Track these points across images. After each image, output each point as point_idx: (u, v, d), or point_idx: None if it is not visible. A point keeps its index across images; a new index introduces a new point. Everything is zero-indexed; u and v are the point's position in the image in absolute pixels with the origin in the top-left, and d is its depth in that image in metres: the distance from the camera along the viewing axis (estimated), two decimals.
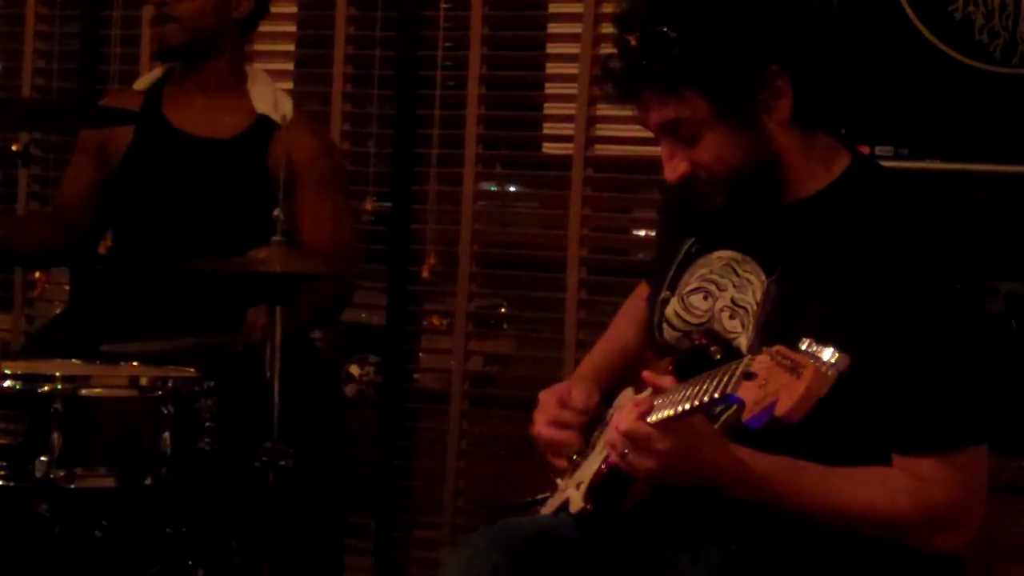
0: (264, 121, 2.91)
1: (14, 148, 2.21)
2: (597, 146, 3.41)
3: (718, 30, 1.70)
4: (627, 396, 1.97)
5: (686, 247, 1.94)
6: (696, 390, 1.58)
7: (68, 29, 3.83)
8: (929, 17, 2.99)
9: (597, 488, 1.82)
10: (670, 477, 1.67)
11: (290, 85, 3.62)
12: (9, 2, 3.88)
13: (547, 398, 1.98)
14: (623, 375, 2.06)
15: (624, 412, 1.67)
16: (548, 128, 3.61)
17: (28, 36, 3.81)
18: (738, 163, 1.76)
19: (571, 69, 3.40)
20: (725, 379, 1.51)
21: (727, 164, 1.76)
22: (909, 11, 3.01)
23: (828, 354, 1.40)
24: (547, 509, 1.98)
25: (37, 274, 3.79)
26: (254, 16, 2.98)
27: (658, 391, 1.69)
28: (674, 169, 1.79)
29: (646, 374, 1.74)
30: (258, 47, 3.17)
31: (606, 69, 1.80)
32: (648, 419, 1.64)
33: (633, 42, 1.72)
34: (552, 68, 3.55)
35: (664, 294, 1.93)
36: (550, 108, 3.57)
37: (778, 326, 1.76)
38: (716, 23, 1.70)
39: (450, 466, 3.47)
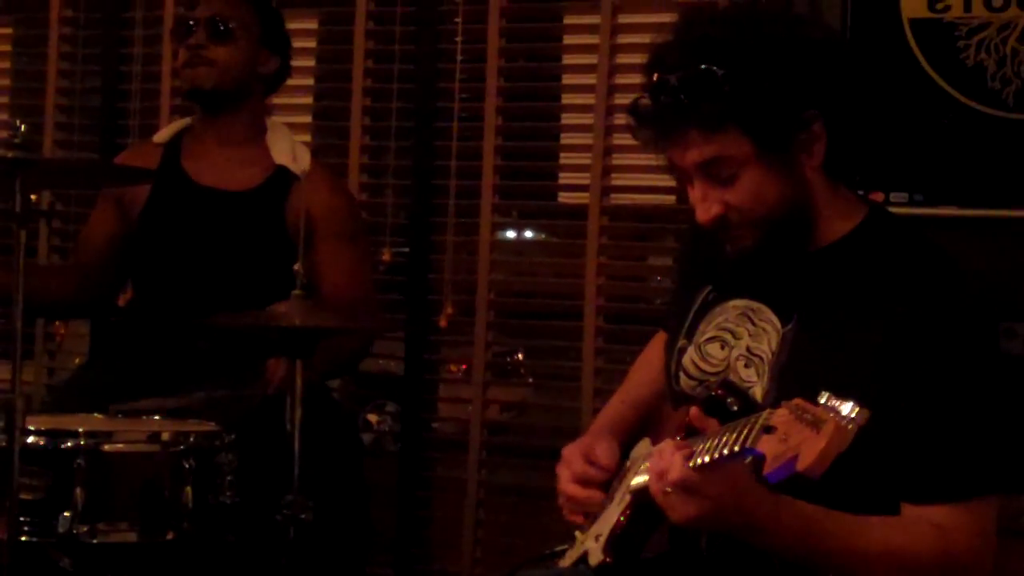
0: (282, 173, 2.93)
1: (33, 198, 2.24)
2: (613, 195, 3.43)
3: (763, 69, 1.72)
4: (644, 447, 1.98)
5: (703, 295, 1.95)
6: (715, 442, 1.58)
7: (89, 84, 3.88)
8: (941, 64, 3.02)
9: (616, 540, 1.83)
10: (710, 523, 1.65)
11: (308, 137, 3.65)
12: (31, 58, 3.93)
13: (571, 454, 1.98)
14: (640, 426, 2.07)
15: (669, 456, 1.64)
16: (564, 178, 3.63)
17: (49, 92, 3.86)
18: (774, 204, 1.76)
19: (586, 119, 3.42)
20: (745, 432, 1.51)
21: (763, 204, 1.76)
22: (921, 58, 3.03)
23: (848, 408, 1.40)
24: (566, 562, 1.98)
25: (57, 325, 3.82)
26: (278, 76, 3.03)
27: (697, 436, 1.68)
28: (707, 210, 1.79)
29: (694, 412, 1.71)
30: (276, 100, 3.21)
31: (636, 112, 1.81)
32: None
33: (674, 81, 1.73)
34: (567, 119, 3.58)
35: (681, 342, 1.94)
36: (566, 158, 3.60)
37: (794, 375, 1.77)
38: (761, 63, 1.72)
39: (468, 515, 3.46)
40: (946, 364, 1.71)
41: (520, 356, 3.87)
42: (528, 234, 3.95)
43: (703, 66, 1.71)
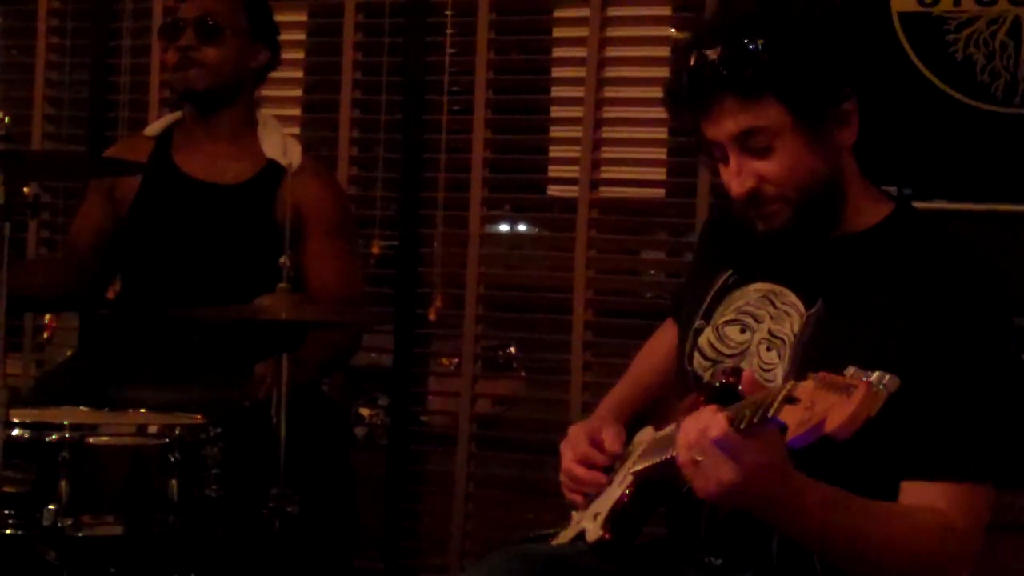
0: (272, 167, 2.92)
1: (25, 190, 2.24)
2: (602, 189, 3.43)
3: (801, 41, 1.75)
4: (647, 434, 1.98)
5: (723, 279, 1.96)
6: (752, 409, 1.56)
7: (77, 76, 3.87)
8: (930, 58, 3.02)
9: (617, 517, 1.84)
10: (740, 492, 1.55)
11: (297, 130, 3.65)
12: (19, 50, 3.92)
13: (577, 434, 1.99)
14: (644, 413, 2.07)
15: (715, 418, 1.54)
16: (553, 171, 3.63)
17: (38, 84, 3.85)
18: (808, 177, 1.78)
19: (576, 112, 3.42)
20: (766, 403, 1.48)
21: (798, 176, 1.77)
22: (911, 52, 3.03)
23: (876, 376, 1.39)
24: (561, 540, 1.98)
25: (47, 319, 3.81)
26: (268, 67, 3.02)
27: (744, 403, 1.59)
28: (742, 184, 1.79)
29: (747, 374, 1.62)
30: (266, 92, 3.20)
31: (671, 91, 1.82)
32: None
33: (712, 56, 1.75)
34: (557, 112, 3.58)
35: (698, 323, 1.94)
36: (555, 151, 3.60)
37: (816, 356, 1.76)
38: (799, 35, 1.75)
39: (457, 508, 3.47)
40: (965, 351, 1.72)
41: (513, 350, 3.87)
42: (521, 228, 3.94)
43: (741, 39, 1.74)
